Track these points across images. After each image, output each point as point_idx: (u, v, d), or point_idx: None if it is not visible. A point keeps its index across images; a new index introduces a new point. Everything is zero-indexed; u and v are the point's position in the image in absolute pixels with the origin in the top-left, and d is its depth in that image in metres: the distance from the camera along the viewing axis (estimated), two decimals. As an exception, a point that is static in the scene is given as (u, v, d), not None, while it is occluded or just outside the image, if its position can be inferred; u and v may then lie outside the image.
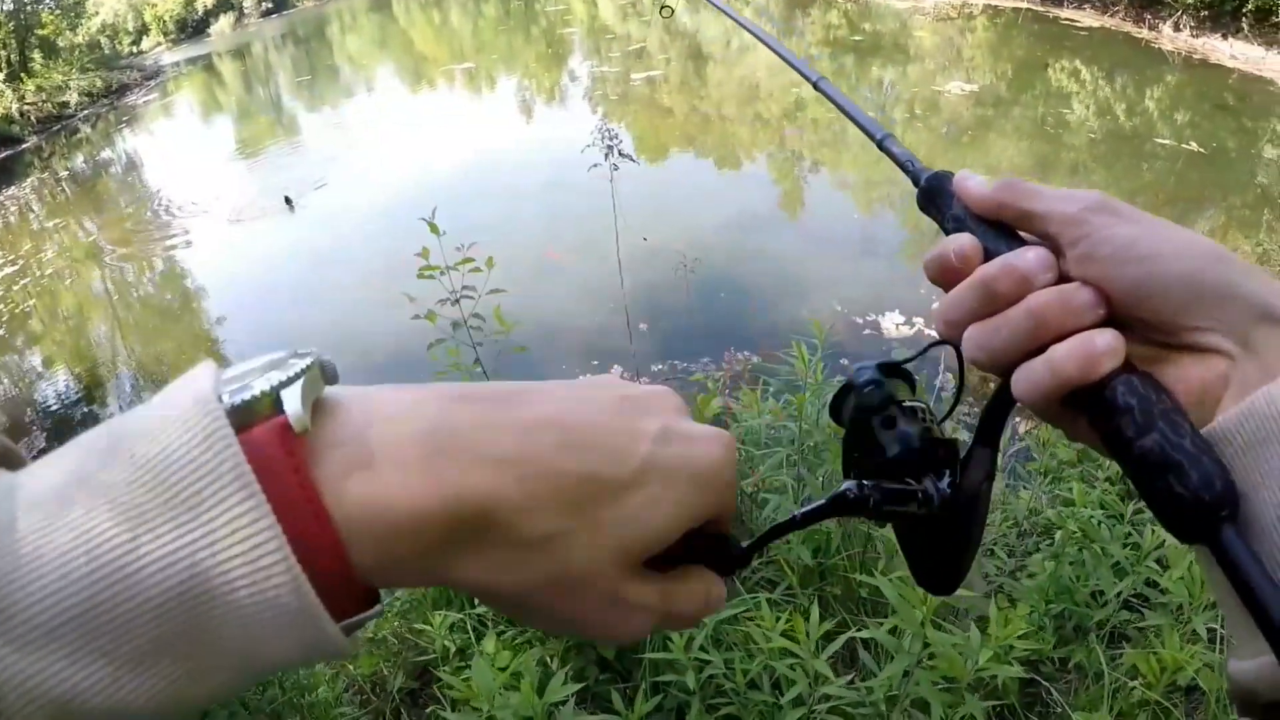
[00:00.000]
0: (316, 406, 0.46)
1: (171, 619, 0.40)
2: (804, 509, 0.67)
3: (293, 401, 0.44)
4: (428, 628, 3.02)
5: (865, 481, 0.67)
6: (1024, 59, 17.10)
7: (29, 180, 17.53)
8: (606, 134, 3.87)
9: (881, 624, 2.44)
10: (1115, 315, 0.62)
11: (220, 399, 0.43)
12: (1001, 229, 0.70)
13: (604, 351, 6.76)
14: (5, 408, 9.11)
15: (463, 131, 15.92)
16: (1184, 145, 10.92)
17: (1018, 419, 5.78)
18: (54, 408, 8.66)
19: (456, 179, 12.88)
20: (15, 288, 12.30)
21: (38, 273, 12.73)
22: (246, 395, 0.44)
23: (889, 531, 3.27)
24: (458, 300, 3.30)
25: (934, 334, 0.75)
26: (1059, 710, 2.87)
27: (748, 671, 2.48)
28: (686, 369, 6.49)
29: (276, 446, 0.43)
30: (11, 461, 0.49)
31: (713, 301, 7.43)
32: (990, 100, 14.38)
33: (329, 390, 0.49)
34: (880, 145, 0.88)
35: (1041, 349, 0.61)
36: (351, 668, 3.46)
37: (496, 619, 3.12)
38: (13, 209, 16.15)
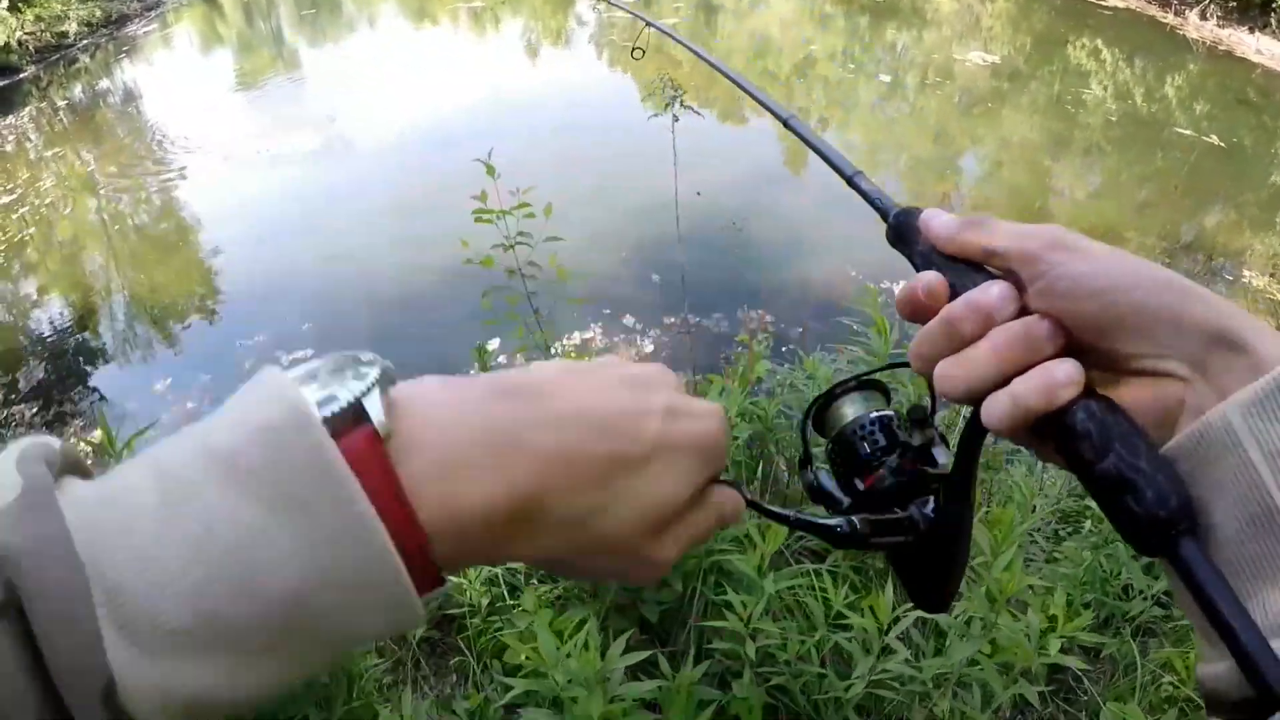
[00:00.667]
0: (386, 410, 0.51)
1: (287, 615, 0.45)
2: (801, 516, 0.74)
3: (376, 410, 0.50)
4: (460, 580, 3.01)
5: (856, 518, 0.74)
6: (1044, 33, 16.94)
7: (27, 110, 17.29)
8: (668, 85, 3.83)
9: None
10: (1075, 344, 0.65)
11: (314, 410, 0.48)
12: (967, 264, 0.72)
13: (616, 300, 6.75)
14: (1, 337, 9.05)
15: (470, 72, 15.75)
16: (1202, 137, 10.85)
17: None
18: (48, 336, 8.58)
19: (463, 120, 12.74)
20: (13, 217, 12.17)
21: (35, 202, 12.57)
22: (335, 408, 0.49)
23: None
24: (512, 246, 3.28)
25: None
26: (1086, 699, 2.89)
27: (804, 643, 2.49)
28: (699, 323, 6.47)
29: (368, 453, 0.48)
30: (83, 471, 0.51)
31: (721, 257, 7.39)
32: (1007, 72, 14.25)
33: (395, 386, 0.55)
34: (850, 182, 0.91)
35: (1008, 379, 0.64)
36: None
37: (530, 573, 3.13)
38: (10, 138, 15.91)
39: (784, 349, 5.90)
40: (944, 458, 0.77)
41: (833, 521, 0.74)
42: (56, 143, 15.29)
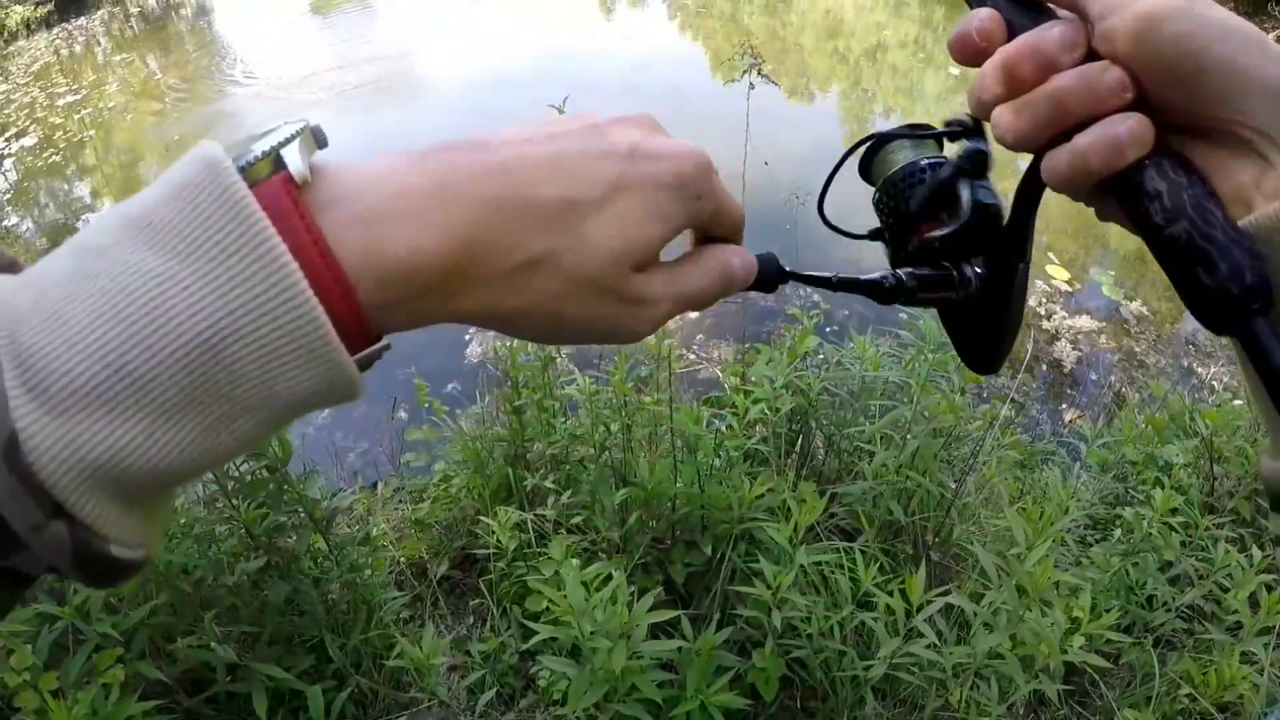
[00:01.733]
0: (313, 169, 0.50)
1: (201, 365, 0.43)
2: (842, 275, 0.72)
3: (293, 158, 0.48)
4: (489, 520, 3.02)
5: (901, 271, 0.72)
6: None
7: (99, 13, 17.41)
8: (748, 53, 3.83)
9: (948, 592, 2.46)
10: (1146, 96, 0.60)
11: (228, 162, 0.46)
12: (1028, 2, 0.66)
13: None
14: (50, 233, 9.11)
15: (542, 17, 15.73)
16: None
17: (1065, 404, 5.79)
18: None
19: (533, 68, 12.72)
20: (75, 117, 12.26)
21: (99, 104, 12.68)
22: (250, 158, 0.47)
23: (968, 496, 3.36)
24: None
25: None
26: (1101, 703, 2.90)
27: (828, 619, 2.50)
28: (748, 298, 6.32)
29: (283, 198, 0.46)
30: (16, 270, 0.53)
31: (776, 231, 7.34)
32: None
33: (322, 156, 0.52)
34: None
35: (1069, 132, 0.60)
36: (394, 550, 3.50)
37: (560, 521, 3.13)
38: (80, 39, 16.05)
39: (829, 329, 5.88)
40: (996, 208, 0.73)
41: (876, 275, 0.72)
42: (125, 49, 15.40)
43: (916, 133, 0.77)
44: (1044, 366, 6.17)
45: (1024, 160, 0.67)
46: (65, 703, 1.96)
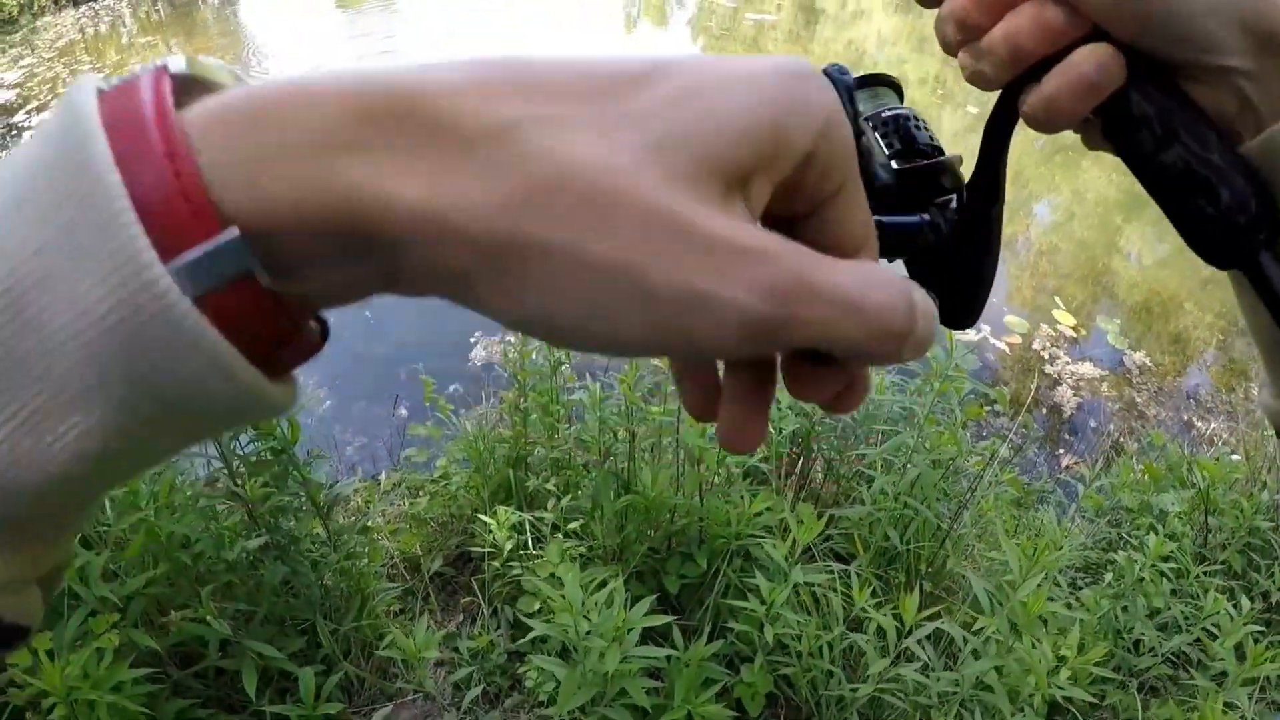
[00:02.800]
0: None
1: None
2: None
3: (176, 62, 0.36)
4: (487, 519, 3.04)
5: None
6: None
7: (127, -6, 17.51)
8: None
9: (968, 620, 2.48)
10: (1107, 33, 0.56)
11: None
12: None
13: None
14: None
15: (565, 28, 15.78)
16: None
17: (1061, 449, 5.81)
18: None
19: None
20: (96, 96, 12.30)
21: (120, 86, 12.71)
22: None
23: (964, 525, 3.38)
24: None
25: (1000, 346, 0.70)
26: (1085, 745, 2.92)
27: (819, 638, 2.52)
28: None
29: (137, 87, 0.33)
30: None
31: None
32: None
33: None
34: None
35: (1036, 68, 0.58)
36: (389, 543, 3.52)
37: (559, 525, 3.13)
38: (105, 19, 16.08)
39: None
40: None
41: None
42: (150, 31, 15.43)
43: (867, 81, 0.72)
44: (1044, 411, 6.19)
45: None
46: (58, 664, 1.98)
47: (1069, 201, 10.75)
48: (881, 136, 0.68)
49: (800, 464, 3.34)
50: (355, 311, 6.00)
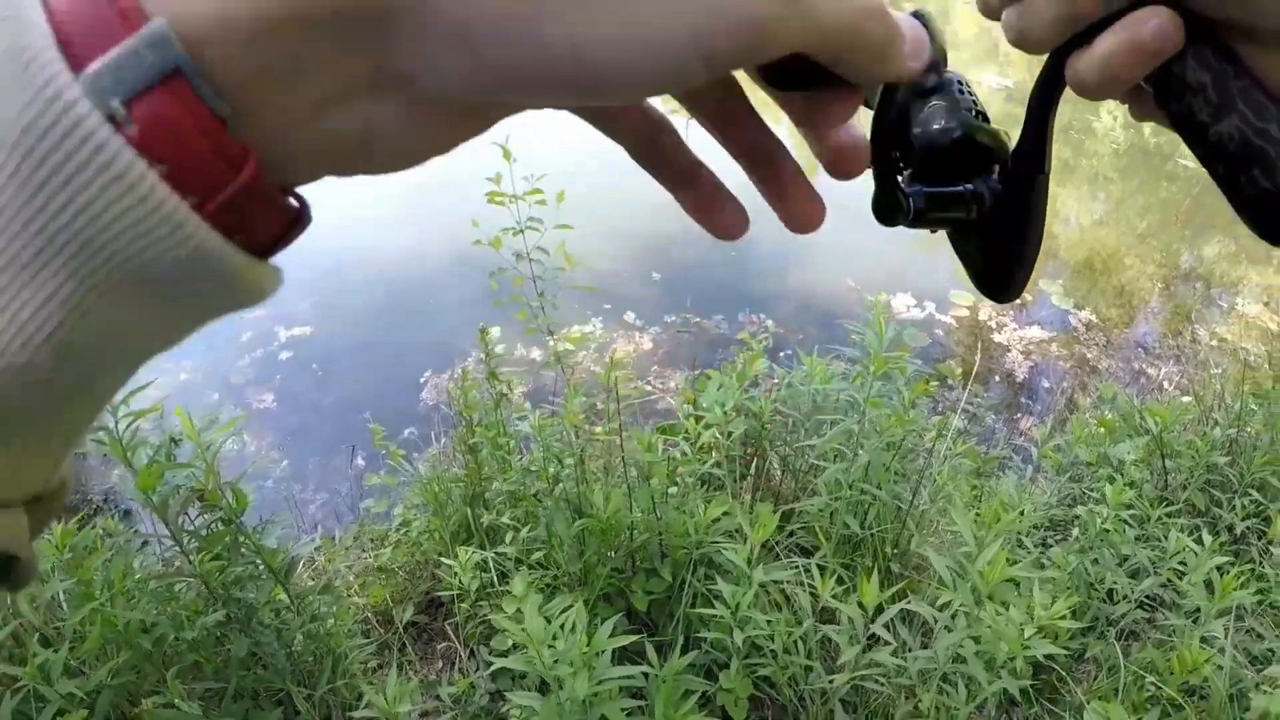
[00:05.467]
0: None
1: None
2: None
3: None
4: (450, 562, 3.02)
5: (906, 188, 0.60)
6: (1060, 61, 17.02)
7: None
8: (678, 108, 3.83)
9: (936, 597, 2.48)
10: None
11: None
12: None
13: (618, 296, 6.70)
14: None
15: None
16: (1201, 170, 10.45)
17: (1019, 413, 5.84)
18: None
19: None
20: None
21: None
22: None
23: (925, 503, 3.38)
24: (522, 231, 3.28)
25: (947, 321, 0.67)
26: (1069, 699, 2.92)
27: (790, 634, 2.51)
28: (699, 323, 6.47)
29: None
30: None
31: (726, 260, 7.38)
32: (1020, 98, 14.20)
33: None
34: None
35: (1088, 31, 0.52)
36: (359, 599, 3.48)
37: (522, 558, 3.13)
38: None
39: (782, 354, 5.92)
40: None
41: (890, 190, 0.60)
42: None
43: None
44: (997, 378, 6.22)
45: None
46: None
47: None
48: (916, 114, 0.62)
49: (755, 465, 3.34)
50: (302, 363, 5.99)
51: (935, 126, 0.60)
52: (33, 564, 0.38)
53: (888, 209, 0.60)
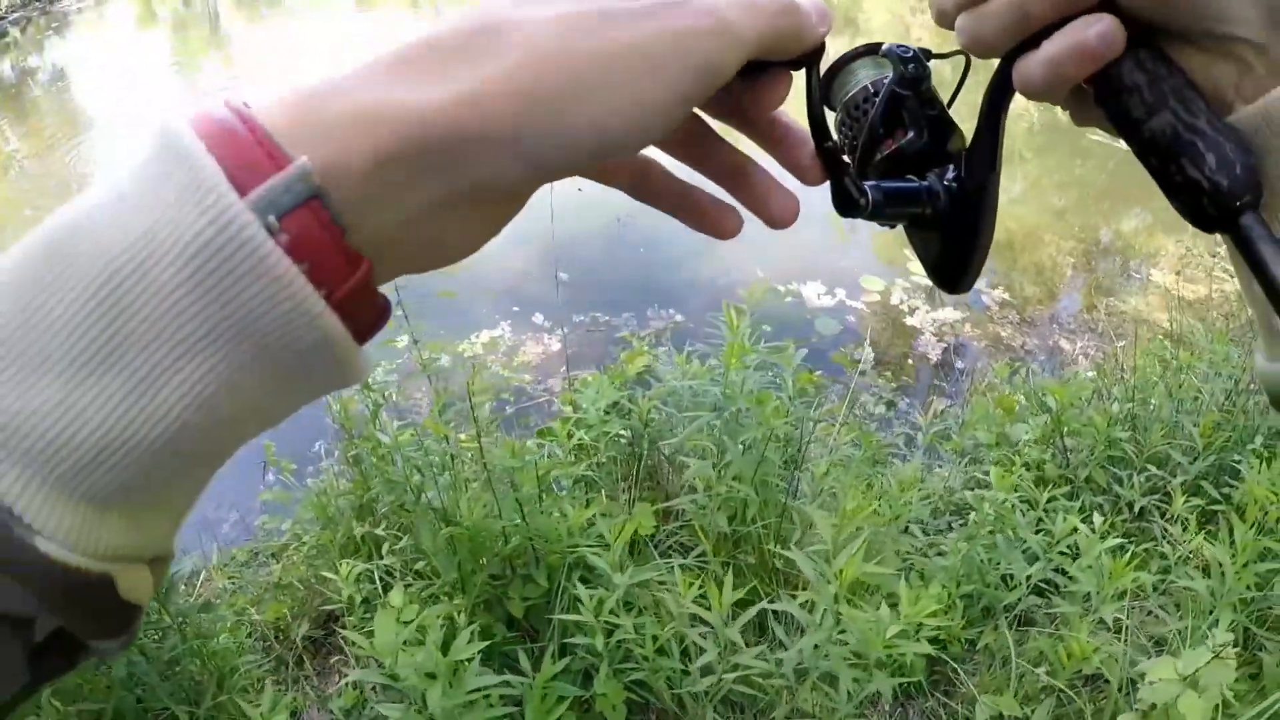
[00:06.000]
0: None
1: (110, 304, 0.36)
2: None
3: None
4: (333, 576, 2.97)
5: (864, 182, 0.66)
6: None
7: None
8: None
9: (795, 596, 2.42)
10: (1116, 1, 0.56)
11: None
12: None
13: (524, 299, 6.61)
14: None
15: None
16: (1115, 144, 10.62)
17: (933, 396, 5.83)
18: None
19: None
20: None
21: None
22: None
23: (807, 497, 3.33)
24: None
25: (858, 306, 0.71)
26: (964, 690, 2.88)
27: (658, 637, 2.46)
28: (609, 323, 6.40)
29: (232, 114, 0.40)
30: None
31: (634, 257, 7.34)
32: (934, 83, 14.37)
33: None
34: None
35: (1036, 36, 0.57)
36: (255, 614, 3.44)
37: (405, 570, 3.08)
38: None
39: (691, 347, 5.89)
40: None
41: (848, 183, 0.65)
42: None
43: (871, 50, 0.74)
44: (910, 361, 6.21)
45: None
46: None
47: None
48: (878, 109, 0.71)
49: (638, 463, 3.27)
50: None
51: (909, 120, 0.69)
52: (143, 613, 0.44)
53: (847, 202, 0.65)
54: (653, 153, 0.56)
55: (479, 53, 0.43)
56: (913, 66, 0.70)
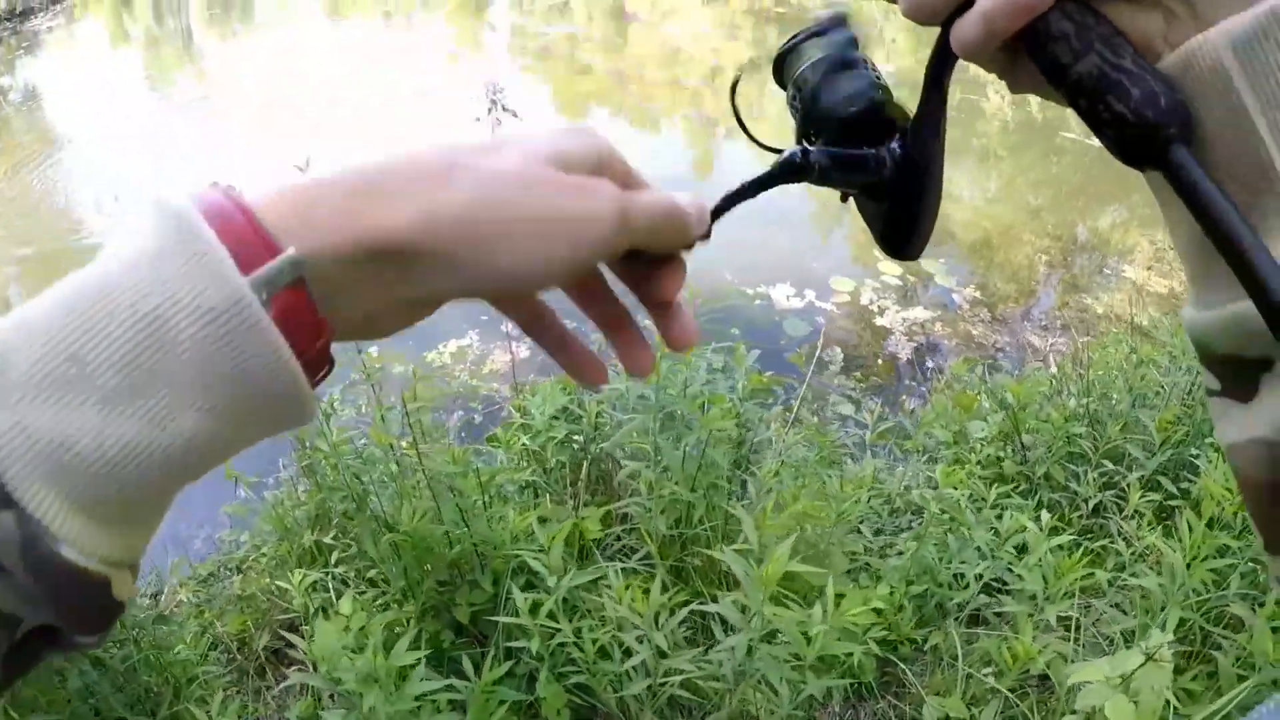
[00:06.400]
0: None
1: (143, 345, 0.43)
2: (751, 178, 0.69)
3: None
4: (288, 586, 2.97)
5: (812, 147, 0.69)
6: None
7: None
8: (491, 89, 3.79)
9: (731, 598, 2.42)
10: None
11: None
12: None
13: (487, 307, 6.44)
14: None
15: (373, 73, 15.56)
16: (1089, 141, 10.73)
17: (904, 395, 5.84)
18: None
19: (370, 119, 12.56)
20: None
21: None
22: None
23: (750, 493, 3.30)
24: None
25: (827, 308, 0.73)
26: (914, 692, 2.86)
27: (597, 641, 2.45)
28: (578, 327, 6.24)
29: (220, 198, 0.48)
30: None
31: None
32: (908, 82, 14.26)
33: None
34: None
35: (971, 2, 0.59)
36: (219, 625, 3.44)
37: (359, 578, 3.08)
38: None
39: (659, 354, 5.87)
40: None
41: (785, 154, 0.70)
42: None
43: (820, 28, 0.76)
44: (880, 361, 6.20)
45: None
46: None
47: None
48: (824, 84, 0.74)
49: (585, 468, 3.26)
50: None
51: (843, 96, 0.72)
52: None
53: (795, 167, 0.69)
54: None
55: (440, 182, 0.50)
56: (843, 42, 0.74)
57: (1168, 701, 2.11)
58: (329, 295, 0.49)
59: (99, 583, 0.46)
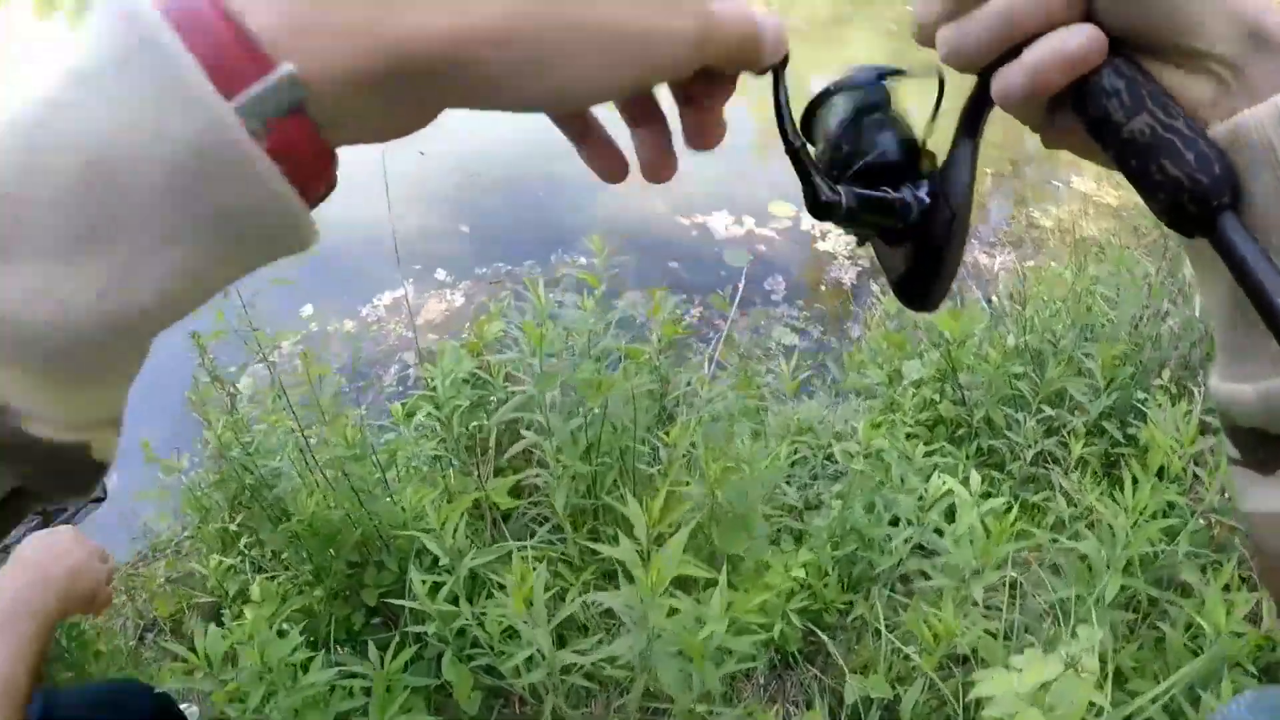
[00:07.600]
0: None
1: (96, 188, 0.36)
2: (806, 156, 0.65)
3: None
4: (202, 569, 2.91)
5: (839, 186, 0.65)
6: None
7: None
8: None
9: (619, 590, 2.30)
10: (1098, 15, 0.56)
11: None
12: None
13: (425, 255, 6.35)
14: None
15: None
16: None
17: (849, 322, 5.74)
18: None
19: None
20: None
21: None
22: None
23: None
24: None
25: (769, 234, 0.70)
26: (838, 664, 2.72)
27: (502, 622, 2.36)
28: (512, 271, 6.19)
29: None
30: None
31: (532, 203, 7.12)
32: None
33: None
34: None
35: (1017, 49, 0.58)
36: (158, 609, 3.42)
37: (275, 559, 3.05)
38: None
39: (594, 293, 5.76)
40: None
41: (819, 180, 0.64)
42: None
43: (851, 82, 0.73)
44: (822, 288, 6.08)
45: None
46: None
47: (838, 75, 10.73)
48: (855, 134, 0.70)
49: (493, 437, 3.11)
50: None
51: (880, 137, 0.69)
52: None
53: (822, 205, 0.64)
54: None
55: None
56: (872, 89, 0.71)
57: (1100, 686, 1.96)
58: (334, 121, 0.41)
59: (73, 449, 0.41)
